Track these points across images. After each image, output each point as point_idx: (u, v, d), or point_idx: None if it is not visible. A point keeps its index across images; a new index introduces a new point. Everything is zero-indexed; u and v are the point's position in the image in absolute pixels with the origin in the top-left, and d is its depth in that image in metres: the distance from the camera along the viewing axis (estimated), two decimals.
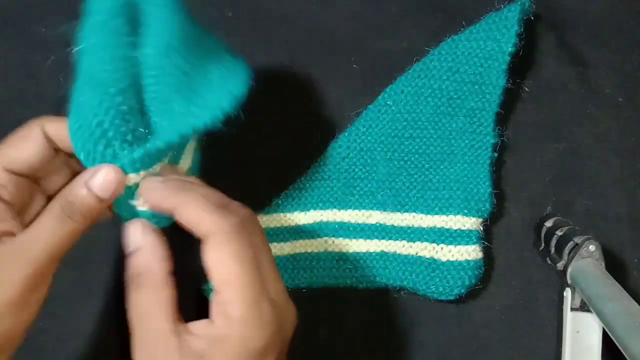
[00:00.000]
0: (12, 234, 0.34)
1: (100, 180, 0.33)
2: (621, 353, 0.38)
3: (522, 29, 0.47)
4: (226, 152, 0.52)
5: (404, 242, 0.48)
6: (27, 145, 0.36)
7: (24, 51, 0.53)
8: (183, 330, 0.32)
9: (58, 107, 0.52)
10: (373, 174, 0.49)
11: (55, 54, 0.53)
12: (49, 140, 0.36)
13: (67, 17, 0.54)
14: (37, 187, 0.38)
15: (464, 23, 0.49)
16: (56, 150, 0.37)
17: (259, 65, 0.53)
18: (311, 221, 0.49)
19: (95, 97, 0.33)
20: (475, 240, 0.48)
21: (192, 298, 0.48)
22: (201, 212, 0.32)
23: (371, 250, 0.49)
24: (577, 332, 0.45)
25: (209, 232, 0.32)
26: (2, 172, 0.35)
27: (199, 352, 0.31)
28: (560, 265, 0.46)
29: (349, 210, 0.49)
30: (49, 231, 0.32)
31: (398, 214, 0.49)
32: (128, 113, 0.33)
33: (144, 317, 0.32)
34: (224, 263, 0.31)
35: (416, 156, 0.49)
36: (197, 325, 0.32)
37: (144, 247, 0.34)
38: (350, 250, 0.48)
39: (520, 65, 0.51)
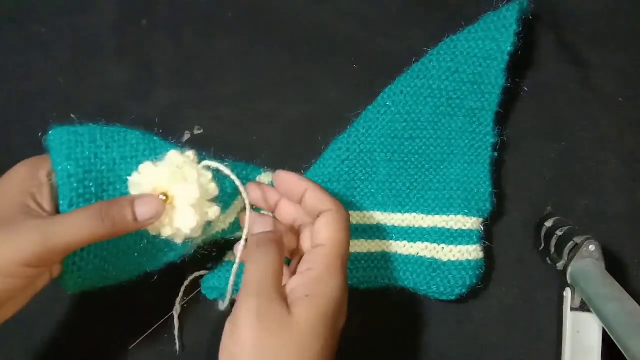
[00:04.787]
0: None
1: (145, 207, 0.37)
2: (621, 353, 0.38)
3: (520, 29, 0.47)
4: (226, 153, 0.52)
5: (405, 242, 0.48)
6: None
7: (24, 51, 0.53)
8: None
9: (57, 109, 0.52)
10: (373, 175, 0.49)
11: (55, 54, 0.54)
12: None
13: (67, 17, 0.55)
14: None
15: (463, 23, 0.49)
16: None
17: (259, 65, 0.54)
18: None
19: None
20: (476, 240, 0.48)
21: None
22: (326, 194, 0.41)
23: (372, 251, 0.49)
24: (577, 332, 0.45)
25: (330, 208, 0.40)
26: None
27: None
28: (560, 265, 0.46)
29: (350, 212, 0.49)
30: (79, 220, 0.36)
31: (399, 214, 0.49)
32: None
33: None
34: (335, 229, 0.39)
35: (416, 157, 0.49)
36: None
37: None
38: (352, 251, 0.48)
39: (520, 65, 0.51)
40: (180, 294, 0.47)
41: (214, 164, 0.41)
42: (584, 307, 0.45)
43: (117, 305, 0.48)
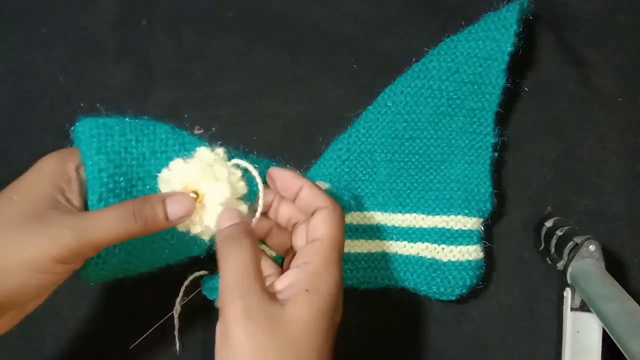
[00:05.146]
0: None
1: (177, 206, 0.38)
2: (621, 353, 0.38)
3: (521, 29, 0.47)
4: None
5: (405, 242, 0.48)
6: None
7: (24, 51, 0.53)
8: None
9: (56, 109, 0.52)
10: (374, 176, 0.49)
11: (55, 54, 0.53)
12: None
13: (67, 17, 0.55)
14: None
15: (463, 23, 0.49)
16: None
17: (259, 65, 0.54)
18: None
19: None
20: (476, 240, 0.48)
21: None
22: (321, 192, 0.41)
23: (372, 251, 0.49)
24: (577, 332, 0.45)
25: (326, 205, 0.40)
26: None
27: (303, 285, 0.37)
28: (560, 265, 0.46)
29: (350, 212, 0.49)
30: (112, 218, 0.35)
31: (399, 214, 0.49)
32: None
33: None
34: (332, 225, 0.39)
35: (416, 157, 0.49)
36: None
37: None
38: (352, 251, 0.48)
39: (520, 65, 0.51)
40: (180, 294, 0.47)
41: (243, 163, 0.41)
42: (584, 307, 0.45)
43: (117, 305, 0.49)
